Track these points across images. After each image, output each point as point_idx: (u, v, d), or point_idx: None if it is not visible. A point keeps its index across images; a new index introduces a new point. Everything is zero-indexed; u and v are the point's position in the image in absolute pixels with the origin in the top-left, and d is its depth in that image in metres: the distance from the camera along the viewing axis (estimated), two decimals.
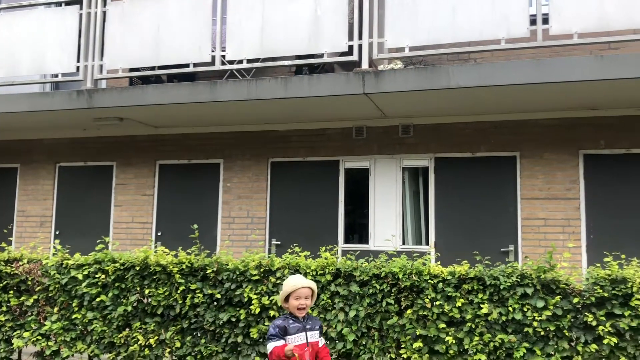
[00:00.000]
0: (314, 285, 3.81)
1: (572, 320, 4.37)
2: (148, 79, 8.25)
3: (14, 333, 5.76)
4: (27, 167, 9.45)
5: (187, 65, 7.16)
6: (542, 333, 4.38)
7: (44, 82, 8.40)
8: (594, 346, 4.28)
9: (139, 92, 7.32)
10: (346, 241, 7.89)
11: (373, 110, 7.24)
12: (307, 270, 4.92)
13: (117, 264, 5.46)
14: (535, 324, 4.37)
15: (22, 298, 5.78)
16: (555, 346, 4.35)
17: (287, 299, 3.74)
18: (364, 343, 4.74)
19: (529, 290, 4.41)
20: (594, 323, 4.27)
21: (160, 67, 7.49)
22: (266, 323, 4.94)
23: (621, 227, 6.87)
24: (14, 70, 7.81)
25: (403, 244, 7.64)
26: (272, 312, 4.92)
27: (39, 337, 5.65)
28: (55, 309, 5.64)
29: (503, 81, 6.03)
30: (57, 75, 7.83)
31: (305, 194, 8.12)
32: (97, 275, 5.53)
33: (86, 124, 8.62)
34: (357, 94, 6.49)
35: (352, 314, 4.72)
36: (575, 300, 4.34)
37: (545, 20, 6.00)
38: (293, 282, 3.76)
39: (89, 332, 5.53)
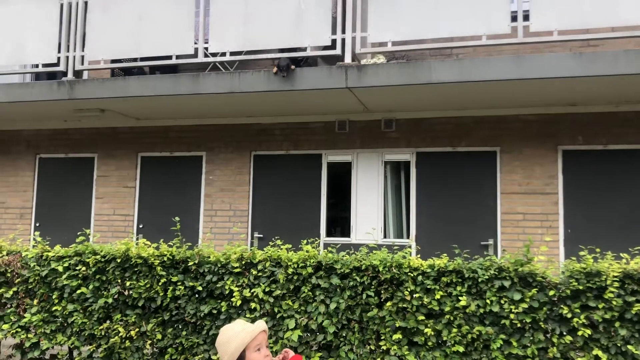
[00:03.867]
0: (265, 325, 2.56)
1: (547, 312, 4.45)
2: (130, 70, 8.19)
3: None
4: (6, 158, 9.33)
5: (169, 57, 7.12)
6: (519, 325, 4.46)
7: (24, 72, 8.30)
8: (568, 338, 4.37)
9: (121, 83, 7.28)
10: (328, 234, 7.93)
11: (356, 104, 7.27)
12: (289, 263, 4.95)
13: (97, 256, 5.44)
14: (512, 316, 4.45)
15: (1, 290, 5.73)
16: (531, 338, 4.44)
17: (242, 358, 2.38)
18: (344, 335, 4.79)
19: (507, 283, 4.49)
20: (569, 315, 4.36)
21: (143, 59, 7.44)
22: (247, 315, 4.97)
23: (598, 222, 7.00)
24: None
25: (384, 237, 7.71)
26: (253, 305, 4.95)
27: (19, 329, 5.61)
28: (35, 301, 5.61)
29: (484, 77, 6.10)
30: (37, 66, 7.75)
31: (288, 187, 8.14)
32: (77, 268, 5.50)
33: (67, 115, 8.54)
34: (340, 88, 6.52)
35: (332, 306, 4.77)
36: (551, 292, 4.43)
37: (526, 17, 6.08)
38: (245, 328, 2.42)
39: (69, 324, 5.51)
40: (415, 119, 7.67)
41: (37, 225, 9.07)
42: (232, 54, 7.02)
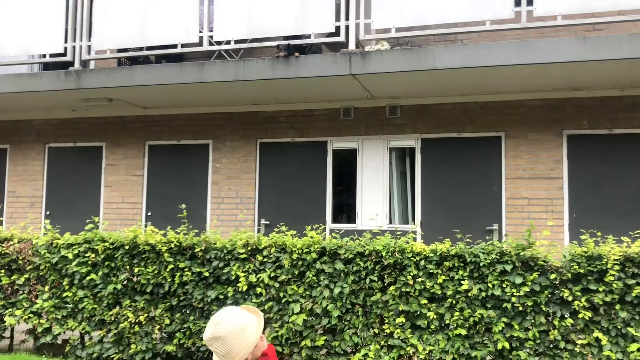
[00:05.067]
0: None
1: (549, 295, 4.50)
2: (136, 59, 8.25)
3: (6, 311, 5.85)
4: (16, 147, 9.46)
5: (175, 46, 7.17)
6: (520, 308, 4.52)
7: (32, 62, 8.38)
8: (569, 320, 4.42)
9: (127, 72, 7.34)
10: (334, 221, 8.00)
11: (360, 91, 7.30)
12: (294, 249, 5.02)
13: (106, 243, 5.55)
14: (513, 299, 4.51)
15: (14, 277, 5.86)
16: (533, 321, 4.50)
17: None
18: (348, 319, 4.87)
19: (508, 267, 4.54)
20: (570, 298, 4.41)
21: (149, 48, 7.50)
22: (253, 300, 5.06)
23: (603, 206, 7.01)
24: (1, 50, 7.79)
25: (390, 223, 7.76)
26: (259, 290, 5.04)
27: (31, 315, 5.75)
28: (46, 288, 5.74)
29: (488, 62, 6.10)
30: (44, 56, 7.83)
31: (294, 174, 8.21)
32: (87, 255, 5.61)
33: (75, 105, 8.63)
34: (344, 75, 6.54)
35: (336, 290, 4.84)
36: (553, 276, 4.48)
37: (530, 2, 6.06)
38: (252, 317, 2.53)
39: (80, 310, 5.64)
40: (420, 105, 7.69)
41: (48, 213, 9.21)
42: (236, 42, 7.05)
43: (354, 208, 7.93)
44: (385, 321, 4.80)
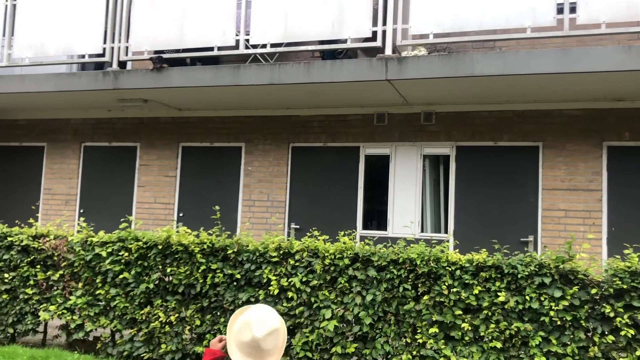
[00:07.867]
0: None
1: (589, 311, 4.37)
2: (172, 61, 8.31)
3: (41, 306, 5.94)
4: (53, 146, 9.63)
5: (211, 49, 7.21)
6: (559, 323, 4.39)
7: (71, 62, 8.53)
8: (610, 337, 4.28)
9: (164, 74, 7.41)
10: (365, 227, 7.93)
11: (395, 96, 7.23)
12: (326, 254, 4.98)
13: (140, 243, 5.59)
14: (552, 313, 4.39)
15: (49, 273, 5.95)
16: (572, 336, 4.37)
17: None
18: (380, 327, 4.80)
19: (547, 280, 4.42)
20: (612, 314, 4.27)
21: (185, 50, 7.55)
22: (284, 304, 5.03)
23: None
24: (42, 50, 7.94)
25: (422, 231, 7.66)
26: (290, 294, 5.00)
27: (64, 311, 5.82)
28: (80, 285, 5.80)
29: (528, 70, 5.98)
30: (83, 56, 7.96)
31: (325, 179, 8.17)
32: (120, 253, 5.66)
33: (111, 105, 8.75)
34: (379, 80, 6.49)
35: (369, 298, 4.78)
36: (593, 291, 4.34)
37: (573, 9, 5.92)
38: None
39: (112, 308, 5.68)
40: (456, 113, 7.58)
41: (82, 211, 9.35)
42: (272, 45, 7.06)
43: (385, 215, 7.85)
44: (418, 331, 4.72)
